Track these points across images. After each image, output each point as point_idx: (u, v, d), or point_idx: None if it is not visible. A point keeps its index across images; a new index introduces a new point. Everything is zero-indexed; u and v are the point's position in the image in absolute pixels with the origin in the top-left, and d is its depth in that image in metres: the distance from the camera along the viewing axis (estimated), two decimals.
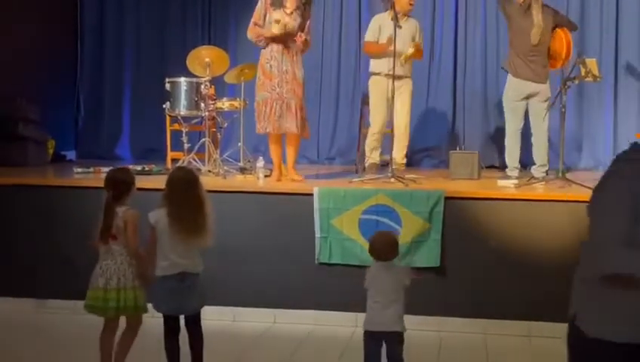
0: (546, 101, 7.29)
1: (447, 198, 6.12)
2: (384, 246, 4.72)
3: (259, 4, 6.95)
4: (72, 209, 6.54)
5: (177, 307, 4.54)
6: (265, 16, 6.91)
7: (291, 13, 6.90)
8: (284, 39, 6.88)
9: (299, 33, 6.90)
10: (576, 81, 7.20)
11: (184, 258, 4.49)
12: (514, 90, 7.41)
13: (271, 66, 6.89)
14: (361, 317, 4.73)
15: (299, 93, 6.95)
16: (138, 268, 4.61)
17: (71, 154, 9.99)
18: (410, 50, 7.28)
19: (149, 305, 4.64)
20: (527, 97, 7.32)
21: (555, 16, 7.43)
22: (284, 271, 6.29)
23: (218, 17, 10.27)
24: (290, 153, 7.16)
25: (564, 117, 6.99)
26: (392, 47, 7.14)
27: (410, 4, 7.46)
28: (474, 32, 9.68)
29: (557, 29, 7.36)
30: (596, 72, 7.08)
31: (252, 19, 6.99)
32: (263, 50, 6.98)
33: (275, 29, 6.82)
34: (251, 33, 7.00)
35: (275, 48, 6.89)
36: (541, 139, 7.39)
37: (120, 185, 4.72)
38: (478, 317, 6.08)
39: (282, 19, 6.81)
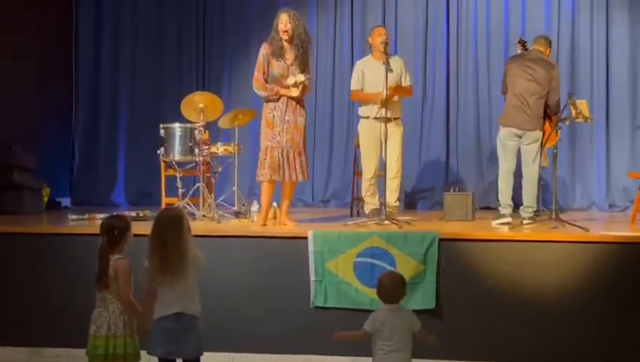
0: (535, 143, 7.32)
1: (441, 240, 6.12)
2: (394, 286, 4.76)
3: (260, 56, 6.96)
4: (66, 256, 6.52)
5: (174, 349, 4.50)
6: (267, 67, 6.94)
7: (292, 64, 6.97)
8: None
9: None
10: (567, 122, 7.26)
11: (179, 298, 4.48)
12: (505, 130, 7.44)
13: (274, 116, 6.93)
14: (355, 360, 4.72)
15: (297, 140, 6.98)
16: (131, 317, 4.61)
17: (66, 201, 9.98)
18: (384, 94, 7.14)
19: (144, 352, 4.62)
20: (519, 138, 7.34)
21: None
22: (280, 316, 6.26)
23: (212, 63, 10.35)
24: (286, 199, 7.17)
25: (556, 157, 7.03)
26: (377, 97, 7.23)
27: (382, 43, 7.39)
28: (466, 72, 9.77)
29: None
30: (587, 113, 7.15)
31: (256, 71, 6.96)
32: (266, 102, 6.99)
33: (295, 93, 6.91)
34: (261, 87, 6.95)
35: (281, 100, 6.94)
36: (529, 181, 7.35)
37: (115, 232, 4.74)
38: (475, 360, 6.04)
39: (298, 79, 6.88)
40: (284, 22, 6.92)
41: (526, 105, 7.22)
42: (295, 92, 6.91)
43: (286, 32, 6.91)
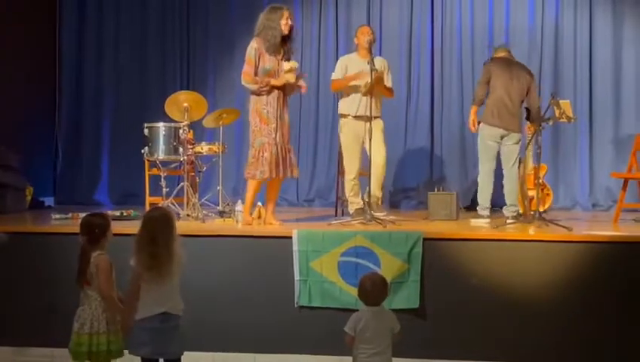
0: (517, 144, 7.42)
1: (425, 239, 6.14)
2: (375, 289, 4.75)
3: (251, 51, 6.89)
4: (50, 256, 6.50)
5: (157, 349, 4.50)
6: (258, 61, 6.91)
7: (282, 60, 6.98)
8: (283, 86, 6.96)
9: (301, 81, 7.04)
10: (551, 123, 7.31)
11: (165, 298, 4.48)
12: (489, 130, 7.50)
13: (267, 112, 6.89)
14: (341, 360, 4.72)
15: (288, 136, 7.04)
16: (112, 314, 4.61)
17: (49, 201, 9.92)
18: (368, 80, 7.17)
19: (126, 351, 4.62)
20: (501, 139, 7.42)
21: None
22: (264, 315, 6.26)
23: (197, 62, 10.32)
24: (273, 198, 7.16)
25: (539, 158, 7.07)
26: (357, 79, 7.30)
27: (368, 42, 7.47)
28: (450, 72, 9.78)
29: None
30: (570, 113, 7.20)
31: (246, 65, 6.90)
32: (257, 97, 6.93)
33: (292, 78, 6.90)
34: (251, 81, 6.88)
35: (272, 94, 6.92)
36: (511, 180, 7.48)
37: (95, 230, 4.74)
38: (459, 359, 6.06)
39: (292, 65, 6.89)
40: (286, 17, 6.91)
41: (513, 106, 7.39)
42: (292, 77, 6.90)
43: (288, 26, 6.92)
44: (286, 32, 6.93)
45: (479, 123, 7.60)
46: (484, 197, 7.55)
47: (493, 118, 7.45)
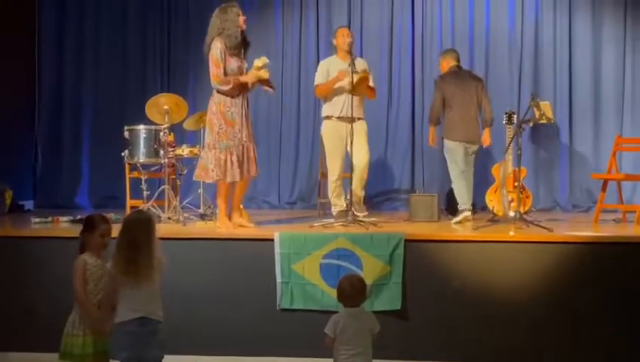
0: (476, 152, 7.87)
1: (407, 241, 6.16)
2: (354, 291, 4.75)
3: (217, 51, 6.82)
4: (30, 259, 6.45)
5: (137, 353, 4.46)
6: (225, 62, 6.86)
7: (244, 58, 7.01)
8: (247, 85, 6.94)
9: (269, 80, 7.05)
10: (531, 124, 7.37)
11: (143, 303, 4.45)
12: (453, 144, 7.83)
13: (232, 113, 6.84)
14: None
15: (251, 133, 7.02)
16: (84, 316, 4.58)
17: (29, 204, 9.86)
18: (358, 76, 7.19)
19: None
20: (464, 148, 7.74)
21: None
22: (246, 318, 6.25)
23: (177, 65, 10.28)
24: (240, 196, 7.14)
25: (520, 159, 7.10)
26: (341, 81, 7.30)
27: (347, 44, 7.47)
28: (431, 74, 9.73)
29: None
30: (550, 115, 7.25)
31: (215, 67, 6.83)
32: (219, 98, 6.87)
33: (265, 74, 6.91)
34: (224, 82, 6.82)
35: (234, 97, 6.88)
36: (469, 184, 7.79)
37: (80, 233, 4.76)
38: (441, 360, 6.08)
39: (265, 62, 6.88)
40: (240, 13, 6.91)
41: (472, 118, 7.72)
42: (265, 73, 6.90)
43: (244, 20, 6.93)
44: (244, 26, 6.92)
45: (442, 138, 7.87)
46: (464, 196, 7.61)
47: (456, 134, 7.75)
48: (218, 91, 6.89)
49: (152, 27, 10.27)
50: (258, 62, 6.88)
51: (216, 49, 6.84)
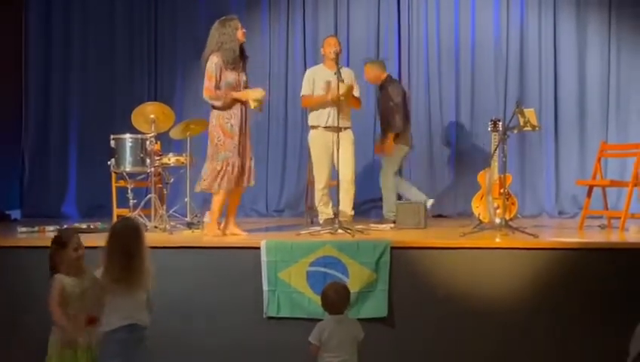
0: None
1: (393, 248, 6.16)
2: (338, 298, 4.77)
3: (212, 66, 6.85)
4: (16, 269, 6.44)
5: (127, 361, 4.47)
6: (220, 76, 6.87)
7: (241, 71, 7.01)
8: (239, 102, 6.97)
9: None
10: (516, 131, 7.39)
11: (133, 309, 4.45)
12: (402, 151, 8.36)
13: (232, 125, 6.89)
14: None
15: (251, 146, 7.11)
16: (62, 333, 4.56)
17: (16, 214, 9.84)
18: (343, 88, 7.19)
19: None
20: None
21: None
22: (233, 326, 6.25)
23: (164, 73, 10.30)
24: (234, 208, 7.18)
25: (505, 166, 7.12)
26: (327, 96, 7.30)
27: (334, 53, 7.45)
28: (417, 81, 9.84)
29: None
30: (535, 122, 7.25)
31: (207, 81, 6.86)
32: (219, 112, 6.91)
33: (259, 109, 7.02)
34: (215, 96, 6.86)
35: (235, 107, 6.92)
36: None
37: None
38: None
39: (260, 96, 6.93)
40: (240, 27, 6.94)
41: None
42: (258, 107, 6.98)
43: (243, 33, 6.96)
44: (243, 39, 6.96)
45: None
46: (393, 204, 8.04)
47: (410, 139, 8.35)
48: (211, 105, 6.95)
49: (140, 36, 10.30)
50: (255, 93, 6.93)
51: (211, 63, 6.88)
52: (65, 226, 7.62)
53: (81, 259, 4.71)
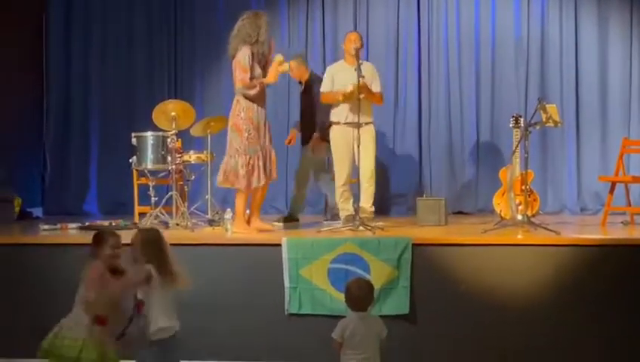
0: None
1: (414, 245, 6.16)
2: (362, 294, 4.76)
3: (245, 58, 6.88)
4: (38, 267, 6.47)
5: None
6: (252, 68, 6.92)
7: (265, 67, 7.07)
8: (264, 94, 7.02)
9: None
10: (538, 127, 7.36)
11: (174, 310, 4.62)
12: None
13: (259, 119, 6.95)
14: None
15: (270, 138, 7.14)
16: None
17: (38, 211, 9.90)
18: (350, 88, 7.23)
19: None
20: None
21: None
22: (255, 323, 6.26)
23: (184, 71, 10.31)
24: (261, 200, 7.21)
25: (527, 162, 7.09)
26: (343, 96, 7.31)
27: (355, 49, 7.40)
28: (437, 77, 9.78)
29: None
30: (557, 118, 7.22)
31: (242, 72, 6.89)
32: (246, 103, 6.91)
33: (286, 67, 7.10)
34: (250, 86, 6.90)
35: (258, 102, 6.96)
36: None
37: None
38: None
39: (281, 59, 7.01)
40: (267, 23, 7.04)
41: None
42: (286, 66, 7.07)
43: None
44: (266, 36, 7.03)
45: None
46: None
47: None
48: (245, 96, 6.94)
49: (159, 34, 10.31)
50: (278, 57, 6.99)
51: (244, 55, 6.91)
52: (87, 223, 7.67)
53: (117, 259, 4.74)
